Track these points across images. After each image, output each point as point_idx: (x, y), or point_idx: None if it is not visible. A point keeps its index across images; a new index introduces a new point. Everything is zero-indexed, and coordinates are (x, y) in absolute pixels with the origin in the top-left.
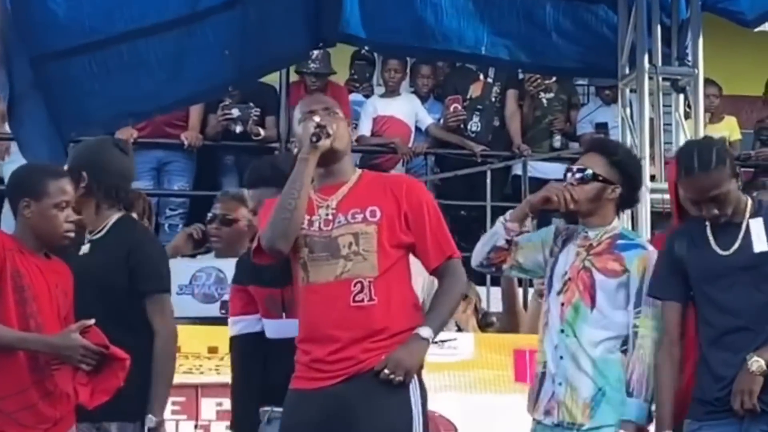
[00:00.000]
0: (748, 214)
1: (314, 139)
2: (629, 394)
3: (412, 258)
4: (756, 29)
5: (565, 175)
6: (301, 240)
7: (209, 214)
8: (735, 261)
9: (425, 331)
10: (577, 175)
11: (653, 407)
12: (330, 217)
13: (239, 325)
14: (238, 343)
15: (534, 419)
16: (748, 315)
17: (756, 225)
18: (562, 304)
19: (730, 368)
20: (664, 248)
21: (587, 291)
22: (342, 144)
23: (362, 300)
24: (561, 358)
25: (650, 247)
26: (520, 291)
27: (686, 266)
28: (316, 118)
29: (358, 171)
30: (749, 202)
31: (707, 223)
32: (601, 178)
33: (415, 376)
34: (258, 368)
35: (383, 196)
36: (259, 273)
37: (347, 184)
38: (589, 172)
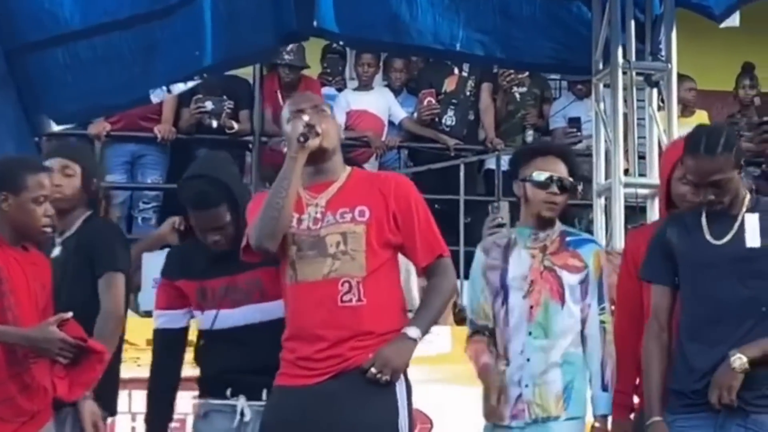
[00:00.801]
0: (745, 208)
1: (302, 138)
2: (604, 389)
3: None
4: (725, 25)
5: (543, 183)
6: (289, 238)
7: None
8: (725, 252)
9: (413, 331)
10: (567, 182)
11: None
12: (319, 215)
13: (161, 319)
14: (157, 337)
15: (495, 425)
16: (729, 308)
17: (751, 219)
18: (531, 307)
19: (705, 360)
20: (657, 232)
21: (555, 290)
22: (331, 143)
23: (350, 300)
24: (528, 360)
25: (597, 242)
26: None
27: (676, 252)
28: (305, 117)
29: (348, 169)
30: (748, 196)
31: (703, 212)
32: (572, 185)
33: (402, 375)
34: (174, 364)
35: (372, 195)
36: (189, 267)
37: (336, 182)
38: (569, 180)
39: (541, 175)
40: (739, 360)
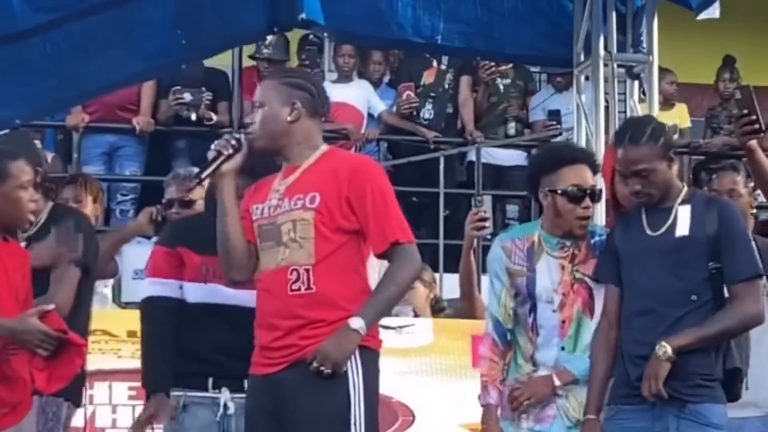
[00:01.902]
0: (679, 200)
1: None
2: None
3: None
4: (705, 17)
5: (577, 197)
6: (256, 230)
7: (165, 199)
8: (658, 243)
9: (356, 322)
10: (597, 193)
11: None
12: (277, 202)
13: (158, 287)
14: (154, 305)
15: (513, 423)
16: (660, 298)
17: (684, 211)
18: (563, 322)
19: (640, 349)
20: (608, 234)
21: (587, 303)
22: (265, 139)
23: (299, 289)
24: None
25: None
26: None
27: (619, 250)
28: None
29: (318, 151)
30: (684, 189)
31: (644, 208)
32: (601, 190)
33: (358, 360)
34: (171, 334)
35: (328, 180)
36: (195, 238)
37: (300, 168)
38: (599, 189)
39: (575, 191)
40: (662, 349)
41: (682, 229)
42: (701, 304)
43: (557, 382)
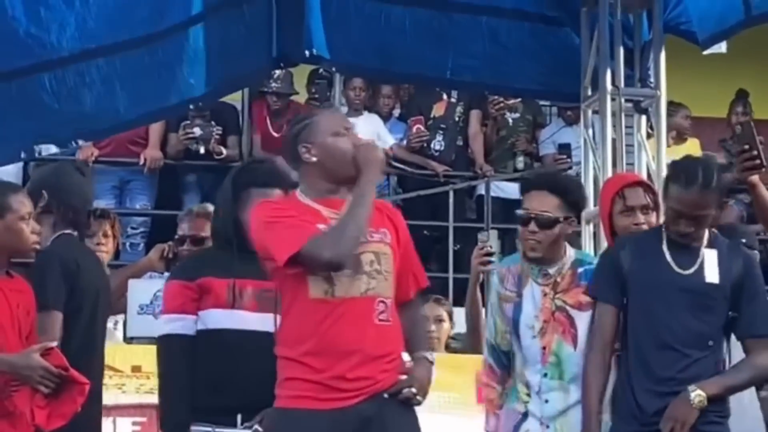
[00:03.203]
0: (705, 243)
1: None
2: None
3: None
4: (711, 52)
5: (524, 222)
6: None
7: (177, 235)
8: (686, 283)
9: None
10: (542, 218)
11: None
12: None
13: (178, 323)
14: (169, 342)
15: None
16: (677, 336)
17: (710, 255)
18: (543, 348)
19: (658, 385)
20: (608, 253)
21: (567, 331)
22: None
23: (385, 319)
24: (546, 401)
25: None
26: (484, 311)
27: (628, 274)
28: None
29: None
30: (707, 232)
31: (664, 239)
32: (562, 219)
33: None
34: (188, 371)
35: (385, 220)
36: (215, 265)
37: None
38: (550, 215)
39: (521, 213)
40: (699, 397)
41: (712, 275)
42: (715, 350)
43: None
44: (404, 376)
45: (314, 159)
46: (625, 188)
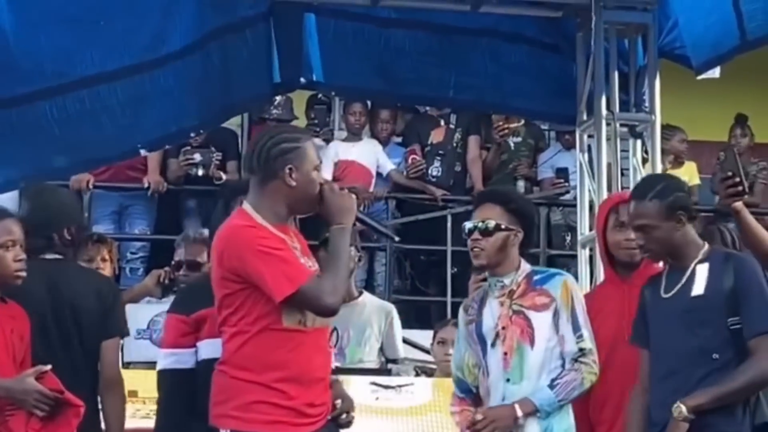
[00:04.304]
0: (697, 259)
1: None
2: (551, 387)
3: None
4: (705, 76)
5: (467, 232)
6: None
7: (174, 260)
8: (673, 305)
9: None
10: (481, 226)
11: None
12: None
13: (171, 358)
14: (169, 377)
15: None
16: (680, 358)
17: (701, 270)
18: (505, 354)
19: (663, 413)
20: (641, 293)
21: (525, 331)
22: None
23: (332, 346)
24: None
25: (566, 273)
26: None
27: (646, 313)
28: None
29: None
30: (705, 248)
31: (666, 270)
32: (503, 227)
33: None
34: (183, 403)
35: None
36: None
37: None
38: (491, 223)
39: (466, 224)
40: (678, 409)
41: (698, 288)
42: (725, 362)
43: (519, 413)
44: (339, 400)
45: (293, 184)
46: (620, 204)
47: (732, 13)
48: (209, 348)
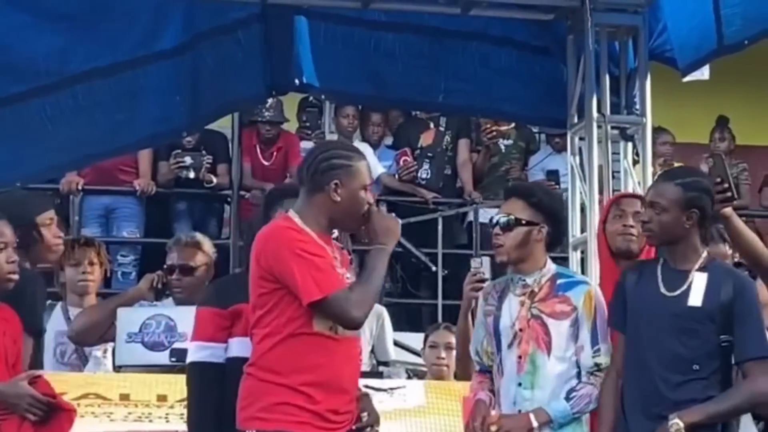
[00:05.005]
0: (697, 266)
1: None
2: (566, 398)
3: None
4: (693, 78)
5: (491, 226)
6: None
7: (167, 264)
8: (670, 305)
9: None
10: (502, 221)
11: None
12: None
13: (206, 351)
14: (204, 371)
15: None
16: (660, 360)
17: (700, 279)
18: (519, 357)
19: (642, 408)
20: (619, 279)
21: (541, 339)
22: None
23: (361, 360)
24: (519, 412)
25: (592, 282)
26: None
27: (628, 299)
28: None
29: None
30: (704, 256)
31: (660, 263)
32: (524, 221)
33: None
34: (215, 399)
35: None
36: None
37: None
38: (512, 217)
39: (491, 220)
40: (676, 426)
41: (695, 299)
42: (705, 375)
43: (534, 423)
44: (366, 413)
45: (338, 199)
46: (622, 198)
47: (712, 16)
48: (241, 346)
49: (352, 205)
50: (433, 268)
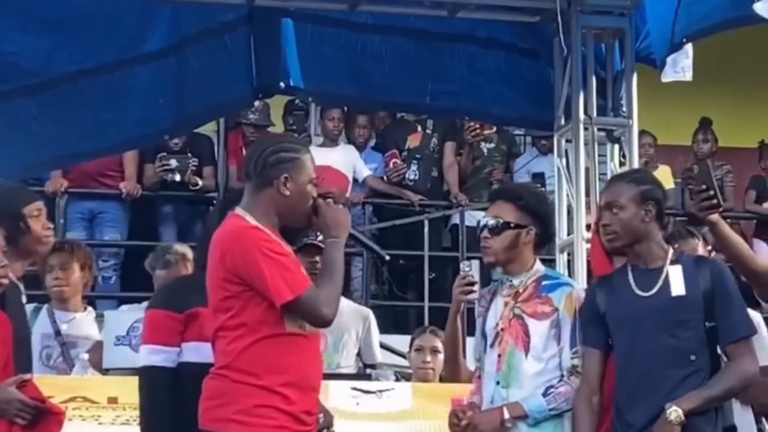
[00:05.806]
0: (668, 261)
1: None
2: (544, 395)
3: None
4: (676, 79)
5: (479, 229)
6: None
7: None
8: (653, 303)
9: None
10: (491, 224)
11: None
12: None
13: (160, 356)
14: (156, 374)
15: None
16: (658, 359)
17: (675, 271)
18: (499, 356)
19: (641, 415)
20: (586, 297)
21: (520, 338)
22: None
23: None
24: None
25: (576, 284)
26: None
27: (605, 314)
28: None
29: None
30: (671, 251)
31: (629, 271)
32: (513, 224)
33: None
34: (169, 404)
35: None
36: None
37: None
38: (500, 221)
39: (479, 222)
40: (675, 413)
41: (678, 288)
42: (701, 365)
43: (507, 415)
44: (321, 414)
45: (287, 193)
46: None
47: (673, 16)
48: (195, 352)
49: (301, 199)
50: (387, 257)
